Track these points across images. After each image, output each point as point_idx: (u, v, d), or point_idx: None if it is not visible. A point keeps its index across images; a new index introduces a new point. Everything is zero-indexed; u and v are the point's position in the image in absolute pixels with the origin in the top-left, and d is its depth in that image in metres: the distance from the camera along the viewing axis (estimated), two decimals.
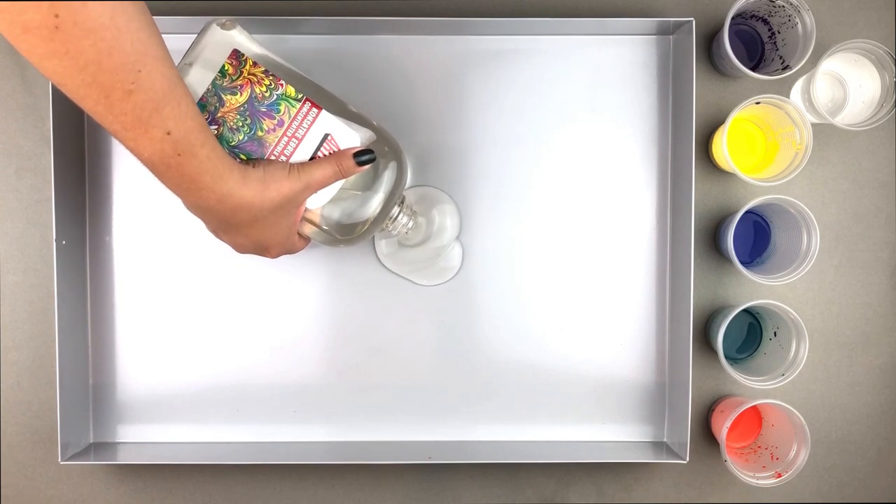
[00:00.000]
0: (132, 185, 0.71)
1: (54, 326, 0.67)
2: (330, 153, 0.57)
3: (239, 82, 0.55)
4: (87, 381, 0.71)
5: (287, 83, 0.56)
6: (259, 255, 0.60)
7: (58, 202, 0.66)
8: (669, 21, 0.68)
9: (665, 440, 0.72)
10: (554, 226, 0.71)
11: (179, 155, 0.48)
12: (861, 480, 0.73)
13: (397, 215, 0.63)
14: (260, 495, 0.72)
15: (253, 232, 0.57)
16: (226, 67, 0.55)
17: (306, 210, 0.59)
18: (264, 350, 0.71)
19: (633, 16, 0.71)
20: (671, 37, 0.71)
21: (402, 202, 0.64)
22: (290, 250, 0.61)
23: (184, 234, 0.71)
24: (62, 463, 0.67)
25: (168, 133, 0.47)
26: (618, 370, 0.72)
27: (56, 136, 0.66)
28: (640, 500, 0.73)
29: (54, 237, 0.66)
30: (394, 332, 0.72)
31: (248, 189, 0.53)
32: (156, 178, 0.51)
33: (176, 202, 0.70)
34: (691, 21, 0.66)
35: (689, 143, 0.67)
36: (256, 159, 0.56)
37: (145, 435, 0.72)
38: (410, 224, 0.65)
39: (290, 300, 0.71)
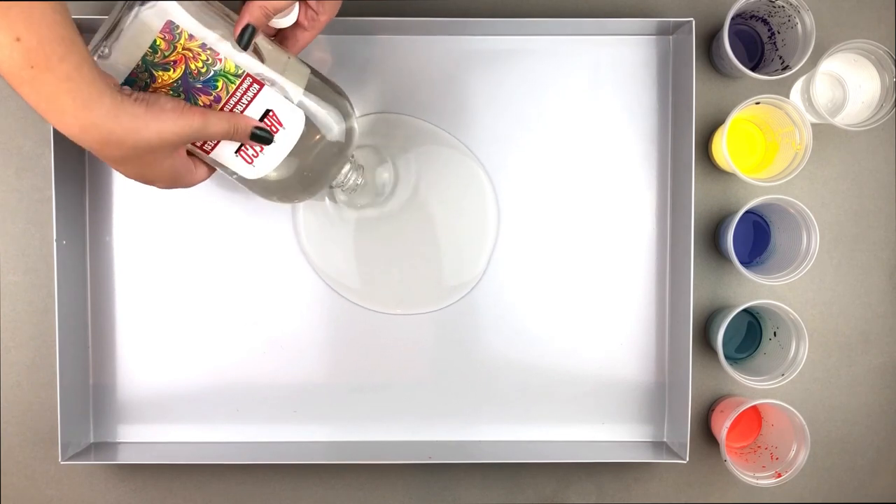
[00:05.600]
0: (132, 185, 0.70)
1: (54, 326, 0.67)
2: (230, 112, 0.53)
3: (172, 58, 0.51)
4: (87, 381, 0.71)
5: (227, 58, 0.52)
6: (146, 184, 0.55)
7: (58, 202, 0.66)
8: (669, 21, 0.68)
9: (665, 440, 0.72)
10: (554, 226, 0.71)
11: (32, 67, 0.43)
12: (861, 480, 0.73)
13: (347, 171, 0.63)
14: (260, 495, 0.72)
15: (128, 167, 0.52)
16: (157, 42, 0.51)
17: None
18: (264, 350, 0.71)
19: (633, 16, 0.71)
20: (671, 37, 0.71)
21: (353, 158, 0.63)
22: (181, 186, 0.57)
23: (184, 234, 0.71)
24: (62, 463, 0.67)
25: (17, 39, 0.42)
26: (618, 370, 0.72)
27: (56, 136, 0.66)
28: (640, 500, 0.73)
29: (54, 237, 0.66)
30: (394, 331, 0.72)
31: (119, 125, 0.47)
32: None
33: (176, 202, 0.71)
34: (691, 21, 0.66)
35: (689, 143, 0.67)
36: (142, 90, 0.51)
37: (145, 435, 0.72)
38: (360, 181, 0.64)
39: (291, 300, 0.71)
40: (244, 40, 0.52)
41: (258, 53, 0.54)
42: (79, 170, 0.70)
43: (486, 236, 0.71)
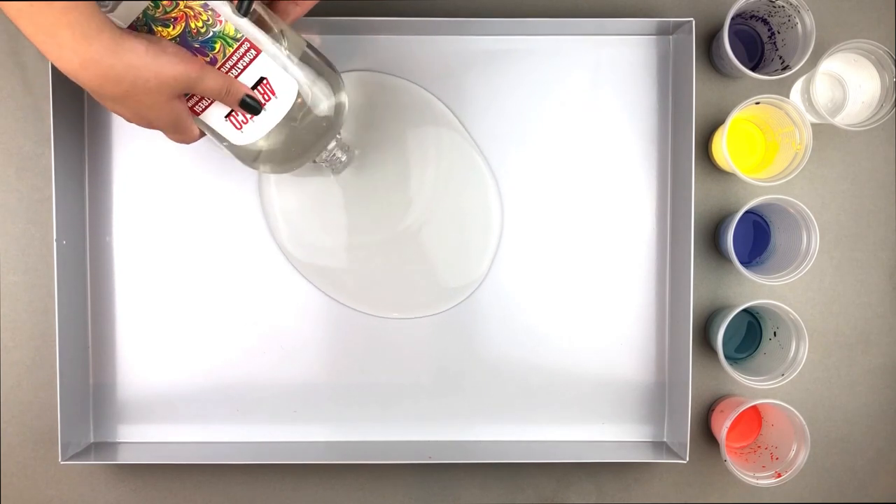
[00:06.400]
0: (132, 185, 0.71)
1: (54, 326, 0.67)
2: (226, 74, 0.54)
3: (173, 14, 0.51)
4: (88, 381, 0.71)
5: (227, 21, 0.52)
6: (147, 126, 0.53)
7: (58, 202, 0.66)
8: (669, 21, 0.68)
9: (665, 440, 0.72)
10: (554, 226, 0.71)
11: None
12: (861, 480, 0.73)
13: (333, 147, 0.63)
14: (260, 495, 0.72)
15: (128, 106, 0.50)
16: None
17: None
18: (264, 350, 0.71)
19: (632, 16, 0.71)
20: (671, 37, 0.71)
21: (339, 136, 0.63)
22: (182, 134, 0.55)
23: (184, 234, 0.71)
24: (62, 463, 0.67)
25: None
26: (618, 370, 0.72)
27: (56, 136, 0.66)
28: (640, 500, 0.73)
29: (54, 237, 0.66)
30: (394, 331, 0.72)
31: (119, 60, 0.46)
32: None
33: (175, 202, 0.71)
34: (691, 21, 0.66)
35: (689, 143, 0.67)
36: (144, 32, 0.50)
37: (145, 435, 0.72)
38: (344, 158, 0.65)
39: (291, 300, 0.71)
40: (244, 7, 0.52)
41: (258, 21, 0.55)
42: (79, 170, 0.70)
43: (490, 237, 0.71)
